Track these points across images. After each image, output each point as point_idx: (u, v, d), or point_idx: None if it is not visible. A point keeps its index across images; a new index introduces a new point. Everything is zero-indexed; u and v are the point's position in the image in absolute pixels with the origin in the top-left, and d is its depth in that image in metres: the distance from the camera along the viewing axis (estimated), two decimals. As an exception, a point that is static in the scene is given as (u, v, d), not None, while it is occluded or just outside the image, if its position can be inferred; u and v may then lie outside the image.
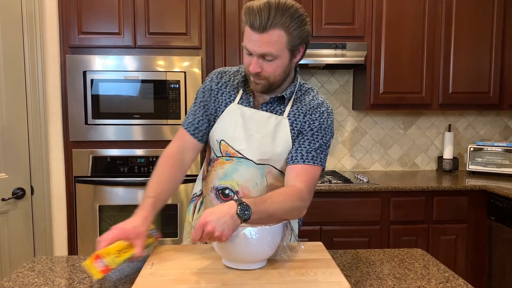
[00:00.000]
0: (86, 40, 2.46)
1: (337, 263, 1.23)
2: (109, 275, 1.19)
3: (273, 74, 1.22)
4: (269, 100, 1.33)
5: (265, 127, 1.30)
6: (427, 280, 1.16)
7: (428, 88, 2.84)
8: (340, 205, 2.56)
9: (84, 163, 2.48)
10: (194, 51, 2.52)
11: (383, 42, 2.78)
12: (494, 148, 2.96)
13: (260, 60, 1.19)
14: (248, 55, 1.22)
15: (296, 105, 1.33)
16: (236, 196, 1.33)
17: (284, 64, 1.22)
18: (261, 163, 1.31)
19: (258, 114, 1.31)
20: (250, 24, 1.15)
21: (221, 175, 1.34)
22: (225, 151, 1.33)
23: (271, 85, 1.26)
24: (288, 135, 1.30)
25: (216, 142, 1.35)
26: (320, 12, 2.74)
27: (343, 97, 3.17)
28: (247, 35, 1.18)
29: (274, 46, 1.16)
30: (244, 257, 1.09)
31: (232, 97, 1.35)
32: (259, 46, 1.16)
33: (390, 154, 3.24)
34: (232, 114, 1.33)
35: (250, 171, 1.31)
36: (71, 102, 2.44)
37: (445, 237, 2.62)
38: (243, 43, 1.21)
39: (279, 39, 1.16)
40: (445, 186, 2.60)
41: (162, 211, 2.56)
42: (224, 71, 1.41)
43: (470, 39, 2.83)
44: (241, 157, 1.31)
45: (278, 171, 1.33)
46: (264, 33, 1.14)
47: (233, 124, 1.32)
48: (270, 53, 1.17)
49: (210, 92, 1.38)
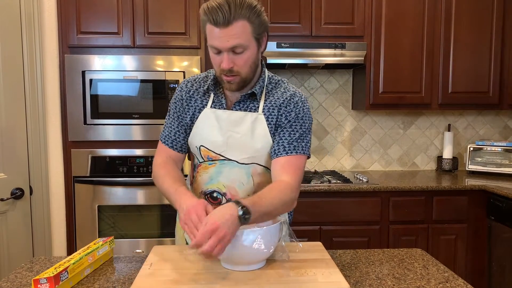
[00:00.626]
0: (85, 40, 2.45)
1: (336, 263, 1.23)
2: (108, 275, 1.18)
3: (244, 67, 1.22)
4: (241, 99, 1.32)
5: (242, 126, 1.30)
6: (426, 280, 1.16)
7: (428, 88, 2.84)
8: (340, 205, 2.55)
9: (83, 163, 2.47)
10: (193, 51, 2.52)
11: (383, 42, 2.78)
12: (493, 148, 2.96)
13: (230, 54, 1.20)
14: (217, 54, 1.22)
15: (269, 99, 1.33)
16: (224, 198, 1.34)
17: (253, 55, 1.23)
18: (245, 162, 1.31)
19: (233, 115, 1.31)
20: (213, 22, 1.16)
21: (206, 180, 1.35)
22: (206, 156, 1.34)
23: (244, 80, 1.25)
24: (266, 130, 1.30)
25: (196, 148, 1.35)
26: (320, 12, 2.73)
27: (342, 97, 3.16)
28: (211, 34, 1.18)
29: (242, 36, 1.17)
30: (243, 259, 1.09)
31: (204, 102, 1.36)
32: (227, 40, 1.17)
33: (389, 154, 3.23)
34: (207, 118, 1.33)
35: (235, 171, 1.32)
36: (70, 102, 2.43)
37: (444, 237, 2.62)
38: (209, 43, 1.22)
39: (245, 29, 1.17)
40: (445, 186, 2.60)
41: (160, 211, 2.57)
42: (193, 79, 1.41)
43: (470, 39, 2.83)
44: (223, 159, 1.32)
45: (262, 167, 1.34)
46: (229, 27, 1.15)
47: (210, 128, 1.32)
48: (240, 44, 1.18)
49: (182, 102, 1.38)
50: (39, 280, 1.03)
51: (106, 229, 2.49)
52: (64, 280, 1.07)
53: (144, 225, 2.51)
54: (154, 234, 2.52)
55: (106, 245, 1.29)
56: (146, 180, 2.49)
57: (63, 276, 1.07)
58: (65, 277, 1.07)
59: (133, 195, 2.49)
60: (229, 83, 1.25)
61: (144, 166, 2.49)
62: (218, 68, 1.24)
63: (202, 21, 1.20)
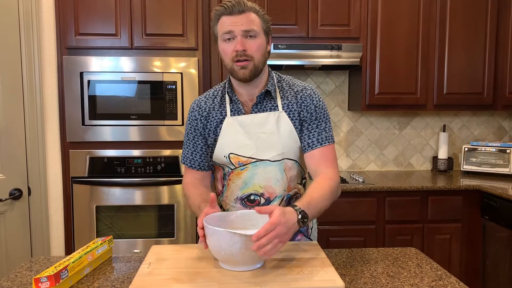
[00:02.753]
0: (83, 41, 2.47)
1: (332, 262, 1.25)
2: (108, 274, 1.20)
3: (257, 52, 1.30)
4: (257, 101, 1.37)
5: (267, 125, 1.35)
6: (420, 278, 1.18)
7: (423, 89, 2.87)
8: (336, 205, 2.53)
9: (81, 163, 2.49)
10: (190, 52, 2.53)
11: (378, 43, 2.81)
12: (488, 148, 2.99)
13: (243, 39, 1.28)
14: (229, 42, 1.29)
15: (284, 96, 1.39)
16: (262, 198, 1.38)
17: (263, 46, 1.32)
18: (276, 159, 1.36)
19: (256, 117, 1.36)
20: (228, 11, 1.27)
21: (241, 185, 1.38)
22: (237, 162, 1.37)
23: (256, 67, 1.31)
24: (291, 125, 1.36)
25: (224, 158, 1.38)
26: (316, 14, 2.76)
27: (338, 97, 3.19)
28: (225, 24, 1.28)
29: (253, 23, 1.29)
30: (243, 260, 1.09)
31: (223, 114, 1.39)
32: (241, 24, 1.27)
33: (385, 154, 3.26)
34: (230, 127, 1.37)
35: (269, 170, 1.36)
36: (68, 103, 2.45)
37: (439, 236, 2.65)
38: (221, 33, 1.30)
39: (256, 19, 1.30)
40: (440, 186, 2.63)
41: (157, 211, 2.58)
42: (204, 97, 1.45)
43: (464, 41, 2.86)
44: (255, 161, 1.36)
45: (292, 161, 1.39)
46: (242, 14, 1.28)
47: (236, 134, 1.36)
48: (253, 29, 1.28)
49: (197, 122, 1.42)
50: (39, 278, 1.05)
51: (104, 229, 2.51)
52: (64, 279, 1.08)
53: (141, 225, 2.52)
54: (152, 234, 2.53)
55: (105, 244, 1.31)
56: (143, 181, 2.50)
57: (63, 275, 1.08)
58: (65, 275, 1.09)
59: (130, 195, 2.50)
60: (242, 68, 1.30)
61: (141, 167, 2.51)
62: (231, 55, 1.30)
63: (215, 18, 1.31)
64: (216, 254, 1.11)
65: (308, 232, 1.47)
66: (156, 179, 2.51)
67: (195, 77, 2.49)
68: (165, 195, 2.52)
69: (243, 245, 1.05)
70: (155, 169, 2.51)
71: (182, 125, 2.50)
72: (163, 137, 2.50)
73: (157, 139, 2.50)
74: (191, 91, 2.49)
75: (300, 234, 1.44)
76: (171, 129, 2.50)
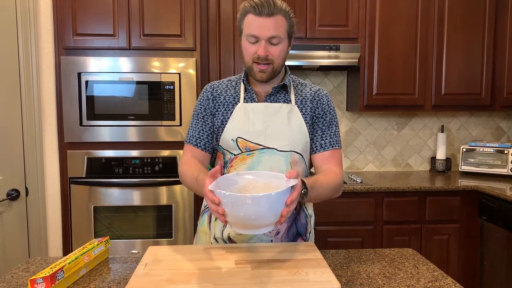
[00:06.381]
0: (80, 42, 2.47)
1: (328, 263, 1.25)
2: (104, 275, 1.20)
3: (277, 58, 1.33)
4: (271, 92, 1.40)
5: (278, 116, 1.38)
6: (416, 279, 1.18)
7: (421, 89, 2.87)
8: (334, 206, 2.58)
9: (79, 164, 2.48)
10: (188, 53, 2.53)
11: (377, 44, 2.81)
12: (486, 148, 2.99)
13: (267, 44, 1.30)
14: (253, 44, 1.31)
15: (298, 93, 1.43)
16: None
17: (285, 49, 1.35)
18: (284, 149, 1.36)
19: (269, 106, 1.39)
20: (258, 12, 1.27)
21: (244, 170, 1.35)
22: (244, 147, 1.37)
23: (275, 71, 1.35)
24: (302, 120, 1.39)
25: (231, 141, 1.37)
26: (314, 14, 2.76)
27: (337, 98, 3.19)
28: (252, 24, 1.29)
29: (280, 29, 1.30)
30: (255, 222, 1.04)
31: (236, 99, 1.41)
32: (268, 30, 1.28)
33: (383, 155, 3.26)
34: (242, 112, 1.38)
35: (274, 159, 1.36)
36: (66, 103, 2.45)
37: (437, 237, 2.65)
38: (246, 33, 1.31)
39: (283, 23, 1.31)
40: (438, 186, 2.63)
41: (155, 211, 2.58)
42: (217, 82, 1.49)
43: (462, 41, 2.87)
44: (262, 148, 1.36)
45: (299, 155, 1.40)
46: (271, 18, 1.28)
47: (246, 120, 1.37)
48: (278, 36, 1.30)
49: (208, 102, 1.43)
50: (35, 280, 1.05)
51: (102, 230, 2.51)
52: (60, 280, 1.08)
53: (139, 226, 2.52)
54: (150, 235, 2.53)
55: (101, 245, 1.31)
56: (141, 181, 2.50)
57: (59, 276, 1.08)
58: (61, 277, 1.09)
59: (129, 196, 2.50)
60: (261, 72, 1.34)
61: (139, 167, 2.51)
62: (252, 56, 1.32)
63: (242, 13, 1.32)
64: (243, 220, 1.04)
65: (306, 236, 1.46)
66: (154, 179, 2.51)
67: (193, 77, 2.49)
68: (163, 195, 2.52)
69: (257, 206, 1.00)
70: (153, 170, 2.51)
71: (180, 125, 2.50)
72: (161, 138, 2.50)
73: (155, 140, 2.50)
74: (189, 92, 2.49)
75: (300, 238, 1.44)
76: (169, 129, 2.50)
